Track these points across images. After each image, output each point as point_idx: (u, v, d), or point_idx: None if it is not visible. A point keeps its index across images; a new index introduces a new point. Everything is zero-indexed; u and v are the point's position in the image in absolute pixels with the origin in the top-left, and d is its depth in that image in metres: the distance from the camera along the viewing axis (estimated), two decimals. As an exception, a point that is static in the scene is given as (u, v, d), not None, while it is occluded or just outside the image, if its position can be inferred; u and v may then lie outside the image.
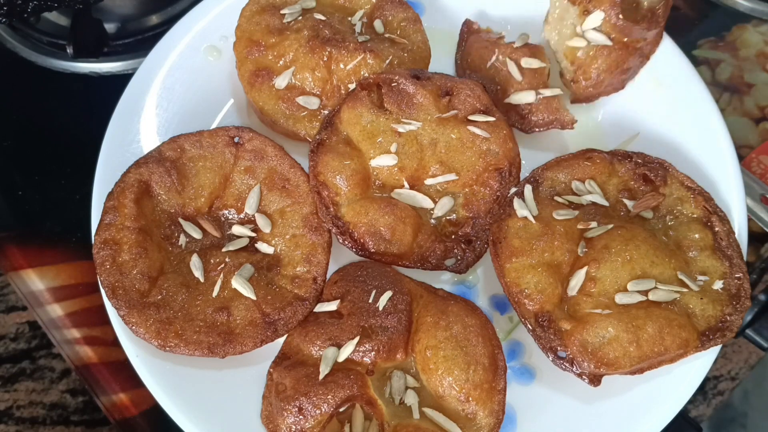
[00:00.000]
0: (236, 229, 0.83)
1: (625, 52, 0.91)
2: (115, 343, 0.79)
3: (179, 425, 0.75)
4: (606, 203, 0.82)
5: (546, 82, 0.92)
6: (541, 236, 0.78)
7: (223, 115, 0.94)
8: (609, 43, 0.90)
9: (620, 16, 0.88)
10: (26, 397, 0.87)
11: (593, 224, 0.78)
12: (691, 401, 0.78)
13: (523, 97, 0.90)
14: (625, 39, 0.90)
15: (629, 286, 0.74)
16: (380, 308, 0.76)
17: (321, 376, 0.72)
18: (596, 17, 0.90)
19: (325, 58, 0.88)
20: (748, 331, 0.85)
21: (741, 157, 0.89)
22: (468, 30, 1.00)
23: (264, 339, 0.76)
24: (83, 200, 0.86)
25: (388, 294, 0.77)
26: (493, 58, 0.93)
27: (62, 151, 1.00)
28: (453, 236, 0.83)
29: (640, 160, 0.84)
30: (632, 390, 0.77)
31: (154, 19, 1.12)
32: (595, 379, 0.74)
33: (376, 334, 0.74)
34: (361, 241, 0.81)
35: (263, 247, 0.82)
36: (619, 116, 0.94)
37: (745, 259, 0.79)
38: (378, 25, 0.95)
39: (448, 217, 0.84)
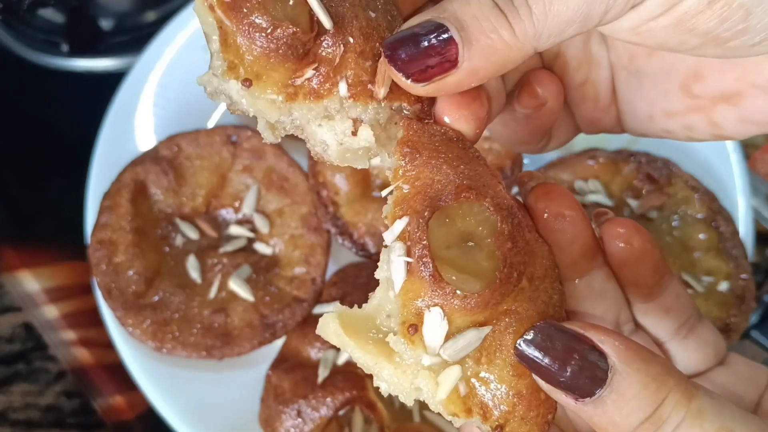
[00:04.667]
0: (234, 230, 0.82)
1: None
2: (111, 344, 0.78)
3: (176, 429, 0.74)
4: (610, 203, 0.81)
5: None
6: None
7: (220, 113, 0.93)
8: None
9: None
10: (21, 399, 0.86)
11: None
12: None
13: None
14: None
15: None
16: (380, 310, 0.75)
17: (320, 379, 0.72)
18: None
19: (324, 56, 0.87)
20: (753, 333, 0.84)
21: (746, 157, 0.88)
22: None
23: (262, 341, 0.76)
24: (78, 200, 0.85)
25: (388, 295, 0.76)
26: None
27: (57, 149, 0.98)
28: (454, 236, 0.82)
29: (644, 160, 0.83)
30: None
31: (151, 16, 1.11)
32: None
33: (376, 337, 0.74)
34: (361, 241, 0.80)
35: (261, 247, 0.81)
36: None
37: (750, 259, 0.78)
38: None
39: (449, 217, 0.83)
